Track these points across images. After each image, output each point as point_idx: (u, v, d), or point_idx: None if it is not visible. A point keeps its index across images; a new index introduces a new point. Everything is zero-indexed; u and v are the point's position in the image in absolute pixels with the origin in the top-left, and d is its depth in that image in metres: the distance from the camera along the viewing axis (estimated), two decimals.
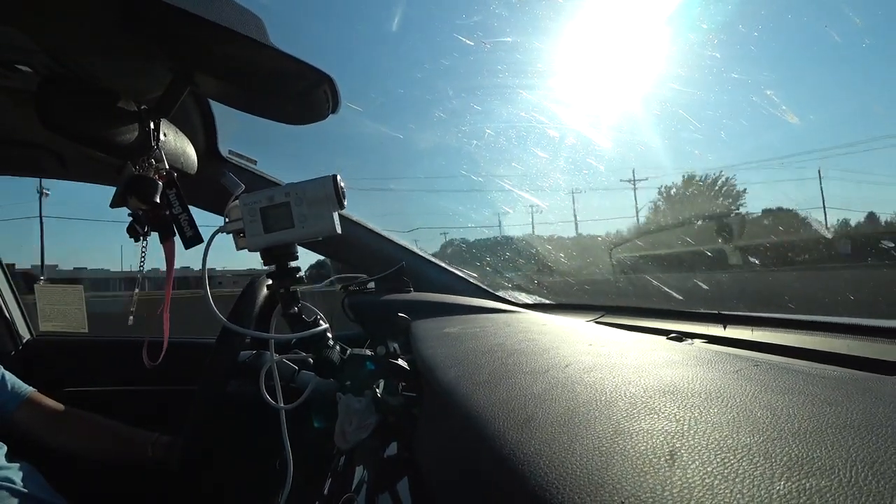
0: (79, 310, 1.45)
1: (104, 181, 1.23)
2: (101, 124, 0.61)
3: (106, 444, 0.99)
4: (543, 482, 0.25)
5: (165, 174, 0.67)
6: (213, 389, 0.74)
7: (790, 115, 2.67)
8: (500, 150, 2.48)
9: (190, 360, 1.02)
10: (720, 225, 1.46)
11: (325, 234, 0.62)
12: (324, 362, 0.67)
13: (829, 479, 0.21)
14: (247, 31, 0.52)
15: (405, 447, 0.60)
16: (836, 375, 0.38)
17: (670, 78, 2.11)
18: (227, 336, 0.76)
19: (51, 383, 1.16)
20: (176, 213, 0.68)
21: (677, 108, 2.14)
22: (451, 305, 1.02)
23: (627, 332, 0.71)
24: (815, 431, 0.27)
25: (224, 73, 0.65)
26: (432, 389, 0.52)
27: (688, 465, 0.24)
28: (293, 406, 0.65)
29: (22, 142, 1.01)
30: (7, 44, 0.56)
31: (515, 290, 1.35)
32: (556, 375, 0.43)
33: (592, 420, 0.32)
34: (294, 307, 0.66)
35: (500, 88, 2.62)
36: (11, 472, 0.85)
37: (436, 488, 0.44)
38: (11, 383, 0.98)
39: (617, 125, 2.71)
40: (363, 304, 1.05)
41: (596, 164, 2.21)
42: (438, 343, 0.67)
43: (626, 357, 0.49)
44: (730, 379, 0.38)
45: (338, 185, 0.61)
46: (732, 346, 0.60)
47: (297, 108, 0.69)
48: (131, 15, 0.53)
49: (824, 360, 0.48)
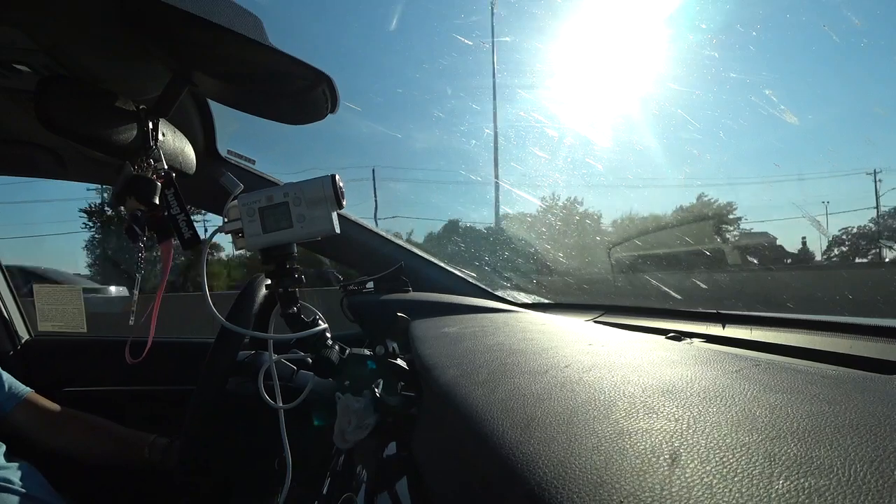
0: (77, 310, 1.45)
1: (103, 181, 1.23)
2: (100, 124, 0.61)
3: (103, 445, 0.99)
4: (542, 481, 0.25)
5: (164, 174, 0.67)
6: (212, 390, 0.74)
7: (789, 114, 2.67)
8: (498, 149, 2.48)
9: (189, 360, 1.02)
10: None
11: (324, 234, 0.61)
12: (323, 362, 0.67)
13: (829, 479, 0.21)
14: (245, 30, 0.52)
15: (404, 447, 0.60)
16: (835, 375, 0.38)
17: (669, 78, 2.11)
18: (226, 336, 0.76)
19: (49, 383, 1.17)
20: (174, 214, 0.67)
21: (676, 107, 2.15)
22: (450, 305, 1.02)
23: (626, 332, 0.71)
24: (814, 431, 0.27)
25: (223, 73, 0.65)
26: (431, 389, 0.52)
27: (687, 464, 0.24)
28: (292, 406, 0.65)
29: (21, 142, 1.01)
30: (6, 44, 0.56)
31: (514, 289, 1.35)
32: (555, 375, 0.43)
33: (592, 420, 0.32)
34: (293, 307, 0.66)
35: (499, 88, 2.62)
36: (10, 472, 0.85)
37: (435, 488, 0.44)
38: (9, 384, 0.98)
39: (616, 125, 2.71)
40: (362, 304, 1.05)
41: (594, 164, 2.21)
42: (437, 343, 0.66)
43: (624, 356, 0.49)
44: (729, 378, 0.38)
45: (337, 184, 0.61)
46: (731, 345, 0.60)
47: (295, 108, 0.69)
48: (130, 15, 0.53)
49: (824, 359, 0.48)
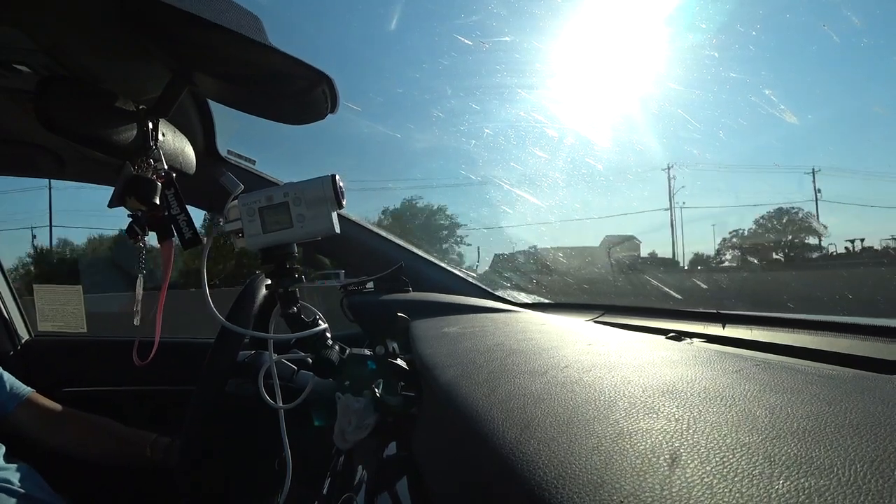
0: (77, 310, 1.45)
1: (103, 181, 1.23)
2: (100, 124, 0.61)
3: (104, 445, 0.99)
4: (542, 482, 0.25)
5: (164, 174, 0.67)
6: (212, 390, 0.74)
7: (788, 114, 2.67)
8: (498, 150, 2.48)
9: (189, 360, 1.01)
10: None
11: (324, 234, 0.61)
12: (323, 362, 0.67)
13: (829, 479, 0.21)
14: (245, 30, 0.52)
15: (404, 447, 0.60)
16: (835, 375, 0.38)
17: (669, 77, 2.11)
18: (226, 336, 0.76)
19: (49, 383, 1.16)
20: (174, 214, 0.67)
21: (676, 107, 2.15)
22: (450, 305, 1.02)
23: (626, 332, 0.71)
24: (814, 431, 0.27)
25: (223, 73, 0.65)
26: (431, 389, 0.52)
27: (687, 464, 0.24)
28: (292, 406, 0.65)
29: (21, 142, 1.01)
30: (6, 44, 0.56)
31: (514, 289, 1.35)
32: (555, 375, 0.43)
33: (592, 420, 0.32)
34: (293, 307, 0.66)
35: (498, 88, 2.63)
36: (10, 473, 0.85)
37: (435, 488, 0.44)
38: (10, 384, 0.98)
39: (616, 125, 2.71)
40: (362, 304, 1.05)
41: (594, 164, 2.22)
42: (437, 343, 0.66)
43: (625, 356, 0.49)
44: (729, 378, 0.38)
45: (337, 184, 0.61)
46: (731, 345, 0.60)
47: (295, 108, 0.69)
48: (130, 15, 0.53)
49: (824, 359, 0.47)
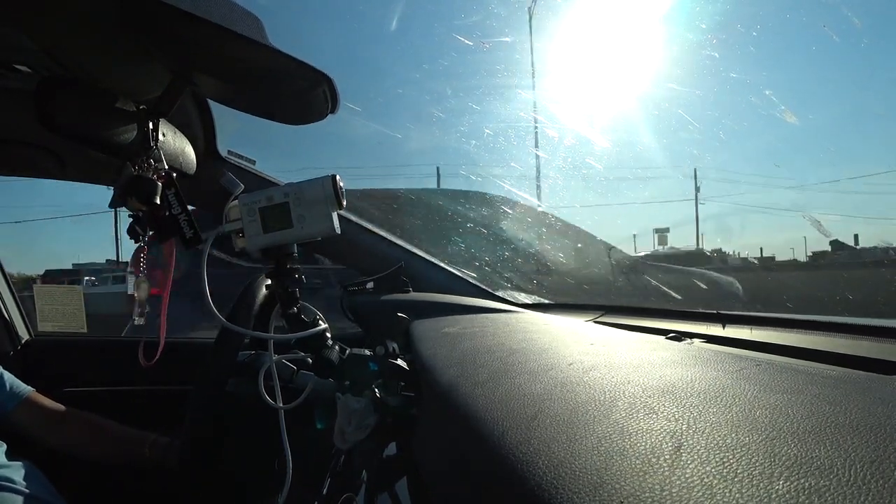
0: (77, 310, 1.45)
1: (103, 181, 1.23)
2: (100, 124, 0.61)
3: (104, 444, 0.99)
4: (543, 482, 0.25)
5: (164, 174, 0.67)
6: (212, 390, 0.74)
7: (788, 114, 2.67)
8: (498, 150, 2.48)
9: (189, 360, 1.01)
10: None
11: (324, 234, 0.61)
12: (323, 362, 0.67)
13: (829, 479, 0.21)
14: (245, 30, 0.52)
15: (404, 447, 0.60)
16: (835, 375, 0.38)
17: (669, 77, 2.11)
18: (226, 336, 0.76)
19: (50, 383, 1.16)
20: (175, 214, 0.67)
21: (676, 107, 2.15)
22: (451, 305, 1.02)
23: (626, 332, 0.71)
24: (814, 431, 0.27)
25: (223, 73, 0.65)
26: (431, 389, 0.52)
27: (687, 464, 0.24)
28: (292, 406, 0.65)
29: (21, 142, 1.01)
30: (6, 44, 0.56)
31: (514, 289, 1.35)
32: (555, 375, 0.43)
33: (592, 420, 0.32)
34: (293, 307, 0.66)
35: (498, 88, 2.62)
36: (11, 472, 0.85)
37: (435, 488, 0.44)
38: (10, 383, 0.98)
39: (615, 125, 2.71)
40: (362, 304, 1.05)
41: (594, 164, 2.22)
42: (438, 343, 0.66)
43: (625, 357, 0.49)
44: (729, 378, 0.38)
45: (337, 185, 0.61)
46: (731, 345, 0.60)
47: (296, 108, 0.69)
48: (130, 15, 0.53)
49: (824, 359, 0.47)
